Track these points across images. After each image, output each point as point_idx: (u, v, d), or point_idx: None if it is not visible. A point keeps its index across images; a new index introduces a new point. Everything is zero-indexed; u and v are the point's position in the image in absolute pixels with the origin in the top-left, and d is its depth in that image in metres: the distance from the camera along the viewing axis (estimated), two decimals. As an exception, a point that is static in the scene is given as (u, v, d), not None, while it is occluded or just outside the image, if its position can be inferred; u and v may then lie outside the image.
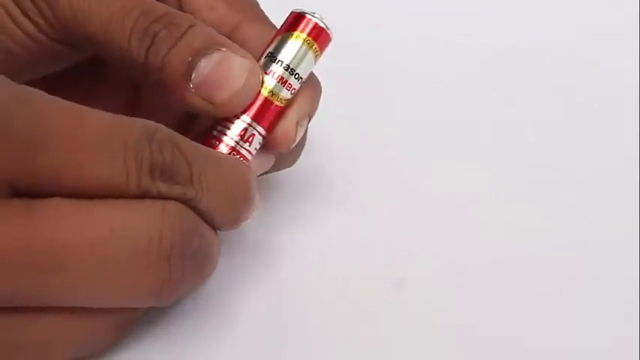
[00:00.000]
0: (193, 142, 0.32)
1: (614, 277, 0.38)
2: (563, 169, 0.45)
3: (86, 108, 0.30)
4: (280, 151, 0.36)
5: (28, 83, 0.31)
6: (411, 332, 0.36)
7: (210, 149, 0.33)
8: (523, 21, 0.55)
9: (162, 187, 0.30)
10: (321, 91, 0.37)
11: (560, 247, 0.40)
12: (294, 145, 0.36)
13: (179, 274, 0.30)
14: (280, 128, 0.35)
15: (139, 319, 0.33)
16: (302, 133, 0.36)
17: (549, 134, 0.47)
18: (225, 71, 0.34)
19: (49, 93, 0.33)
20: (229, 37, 0.36)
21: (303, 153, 0.39)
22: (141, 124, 0.30)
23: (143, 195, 0.30)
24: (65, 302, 0.29)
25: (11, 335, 0.29)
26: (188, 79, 0.33)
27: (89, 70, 0.39)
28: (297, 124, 0.36)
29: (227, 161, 0.33)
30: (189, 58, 0.33)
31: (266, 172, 0.37)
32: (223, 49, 0.34)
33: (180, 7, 0.38)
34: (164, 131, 0.31)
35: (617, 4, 0.55)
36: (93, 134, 0.29)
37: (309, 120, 0.37)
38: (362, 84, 0.48)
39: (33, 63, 0.36)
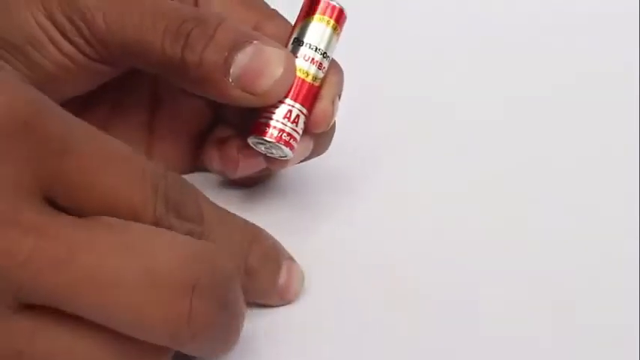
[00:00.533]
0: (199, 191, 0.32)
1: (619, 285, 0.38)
2: (571, 168, 0.46)
3: (106, 135, 0.30)
4: (319, 131, 0.38)
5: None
6: (418, 334, 0.36)
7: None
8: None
9: (174, 221, 0.30)
10: (342, 72, 0.39)
11: (571, 248, 0.40)
12: (331, 124, 0.38)
13: (202, 318, 0.28)
14: (318, 108, 0.37)
15: None
16: (337, 111, 0.38)
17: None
18: (262, 62, 0.36)
19: (77, 108, 0.36)
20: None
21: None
22: (155, 163, 0.31)
23: (156, 223, 0.30)
24: (76, 310, 0.28)
25: (20, 341, 0.28)
26: (227, 73, 0.35)
27: (114, 85, 0.40)
28: (332, 102, 0.37)
29: (228, 212, 0.34)
30: (226, 53, 0.35)
31: (305, 159, 0.39)
32: (256, 41, 0.35)
33: (198, 7, 0.40)
34: (175, 174, 0.31)
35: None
36: (116, 154, 0.30)
37: (339, 98, 0.39)
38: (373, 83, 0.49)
39: (72, 83, 0.38)
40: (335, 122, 0.39)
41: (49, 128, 0.29)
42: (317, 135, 0.38)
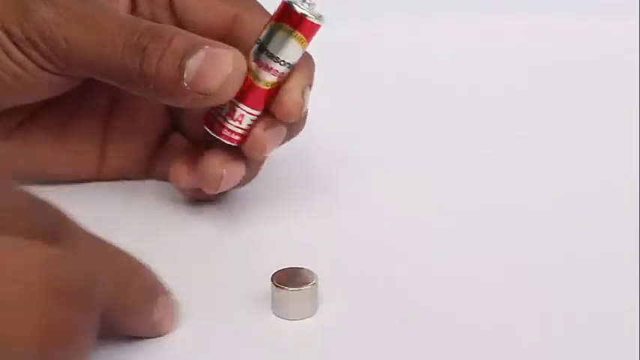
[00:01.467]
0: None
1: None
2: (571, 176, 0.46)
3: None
4: (290, 121, 0.39)
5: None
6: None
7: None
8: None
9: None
10: (314, 65, 0.40)
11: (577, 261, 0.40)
12: (303, 112, 0.40)
13: (65, 324, 0.28)
14: (289, 101, 0.39)
15: None
16: (307, 102, 0.40)
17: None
18: (213, 64, 0.38)
19: (33, 109, 0.39)
20: (230, 28, 0.40)
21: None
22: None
23: None
24: None
25: None
26: (182, 78, 0.37)
27: (71, 95, 0.41)
28: (302, 93, 0.39)
29: (107, 245, 0.33)
30: (179, 61, 0.37)
31: (281, 144, 0.41)
32: (207, 46, 0.38)
33: (174, 10, 0.41)
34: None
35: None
36: None
37: (310, 89, 0.40)
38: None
39: (30, 92, 0.39)
40: (307, 111, 0.40)
41: None
42: (290, 124, 0.40)
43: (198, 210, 0.43)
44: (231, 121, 0.39)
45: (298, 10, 0.38)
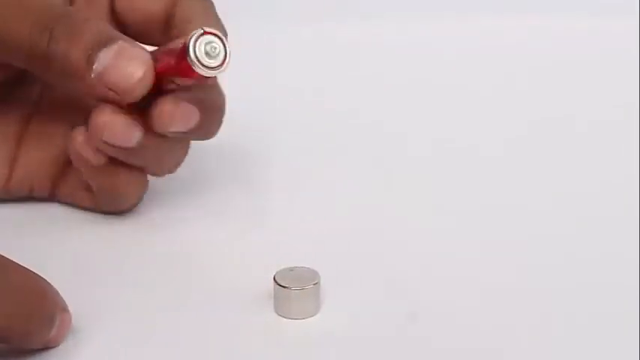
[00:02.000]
0: None
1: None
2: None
3: None
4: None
5: None
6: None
7: None
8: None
9: None
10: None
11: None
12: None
13: None
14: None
15: None
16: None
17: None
18: (124, 62, 0.37)
19: None
20: (171, 15, 0.40)
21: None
22: None
23: None
24: None
25: None
26: (90, 69, 0.37)
27: None
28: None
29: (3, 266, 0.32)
30: (90, 51, 0.37)
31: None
32: (120, 41, 0.37)
33: None
34: None
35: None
36: None
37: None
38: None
39: None
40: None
41: None
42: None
43: (202, 206, 0.43)
44: None
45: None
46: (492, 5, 0.59)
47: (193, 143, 0.42)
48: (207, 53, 0.36)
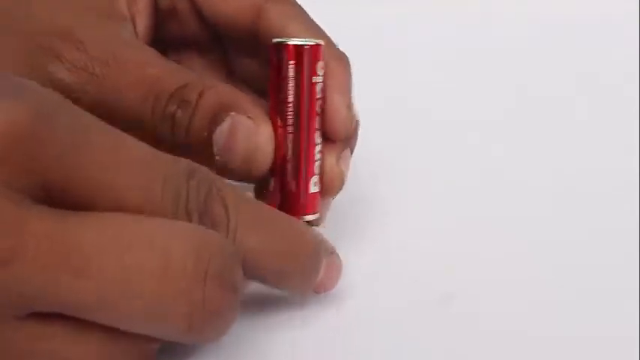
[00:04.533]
0: (234, 187, 0.31)
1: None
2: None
3: (131, 137, 0.29)
4: (339, 139, 0.36)
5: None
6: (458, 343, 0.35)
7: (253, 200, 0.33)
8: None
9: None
10: (348, 66, 0.37)
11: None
12: (354, 124, 0.37)
13: (215, 303, 0.28)
14: (335, 120, 0.36)
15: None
16: (353, 111, 0.37)
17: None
18: (239, 137, 0.34)
19: None
20: (255, 23, 0.37)
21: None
22: (183, 163, 0.30)
23: None
24: (86, 313, 0.27)
25: (25, 343, 0.27)
26: (211, 147, 0.35)
27: None
28: (347, 106, 0.36)
29: (270, 213, 0.32)
30: (205, 133, 0.34)
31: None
32: (232, 112, 0.34)
33: (196, 6, 0.39)
34: (204, 172, 0.30)
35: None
36: (133, 160, 0.29)
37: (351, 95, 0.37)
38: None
39: None
40: (357, 122, 0.38)
41: (60, 126, 0.28)
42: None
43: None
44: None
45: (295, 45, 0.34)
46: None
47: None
48: None
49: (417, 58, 0.57)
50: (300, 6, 0.38)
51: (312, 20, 0.38)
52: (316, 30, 0.37)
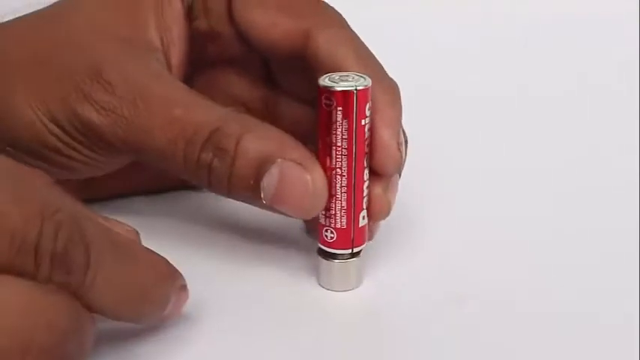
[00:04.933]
0: (100, 224, 0.29)
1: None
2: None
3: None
4: (388, 172, 0.35)
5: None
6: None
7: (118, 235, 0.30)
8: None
9: (57, 275, 0.27)
10: (399, 99, 0.36)
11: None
12: (404, 158, 0.36)
13: None
14: (384, 156, 0.35)
15: None
16: (403, 147, 0.36)
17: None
18: (290, 183, 0.33)
19: None
20: (302, 49, 0.36)
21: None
22: (39, 203, 0.27)
23: (47, 280, 0.27)
24: None
25: None
26: (259, 196, 0.33)
27: None
28: (397, 144, 0.35)
29: (130, 249, 0.30)
30: (251, 181, 0.33)
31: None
32: (278, 159, 0.33)
33: (235, 23, 0.37)
34: (67, 211, 0.27)
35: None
36: None
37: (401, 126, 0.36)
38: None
39: (74, 173, 0.37)
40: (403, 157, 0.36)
41: None
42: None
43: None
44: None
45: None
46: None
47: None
48: None
49: (417, 58, 0.57)
50: (350, 29, 0.37)
51: (362, 44, 0.36)
52: (365, 57, 0.36)
